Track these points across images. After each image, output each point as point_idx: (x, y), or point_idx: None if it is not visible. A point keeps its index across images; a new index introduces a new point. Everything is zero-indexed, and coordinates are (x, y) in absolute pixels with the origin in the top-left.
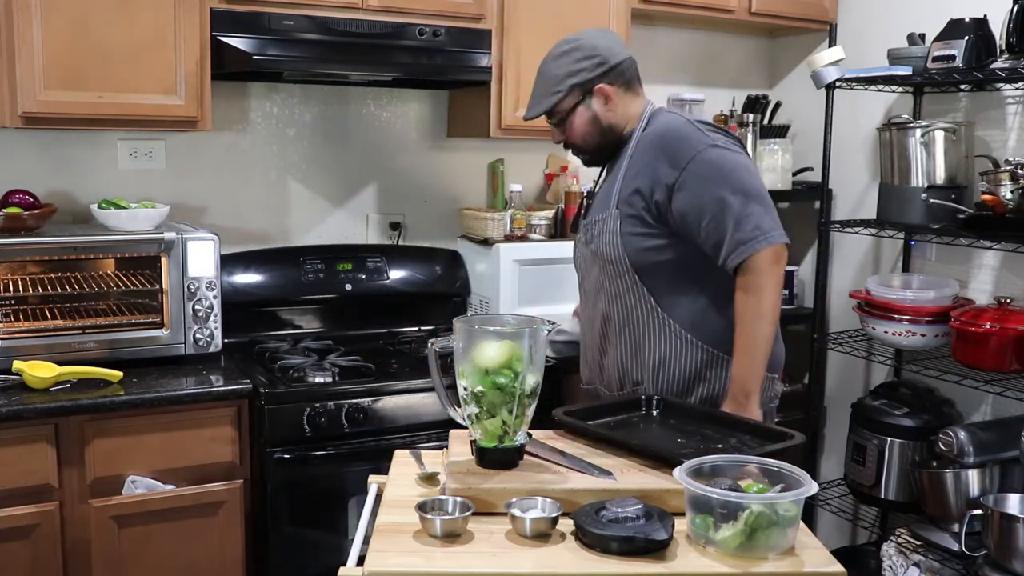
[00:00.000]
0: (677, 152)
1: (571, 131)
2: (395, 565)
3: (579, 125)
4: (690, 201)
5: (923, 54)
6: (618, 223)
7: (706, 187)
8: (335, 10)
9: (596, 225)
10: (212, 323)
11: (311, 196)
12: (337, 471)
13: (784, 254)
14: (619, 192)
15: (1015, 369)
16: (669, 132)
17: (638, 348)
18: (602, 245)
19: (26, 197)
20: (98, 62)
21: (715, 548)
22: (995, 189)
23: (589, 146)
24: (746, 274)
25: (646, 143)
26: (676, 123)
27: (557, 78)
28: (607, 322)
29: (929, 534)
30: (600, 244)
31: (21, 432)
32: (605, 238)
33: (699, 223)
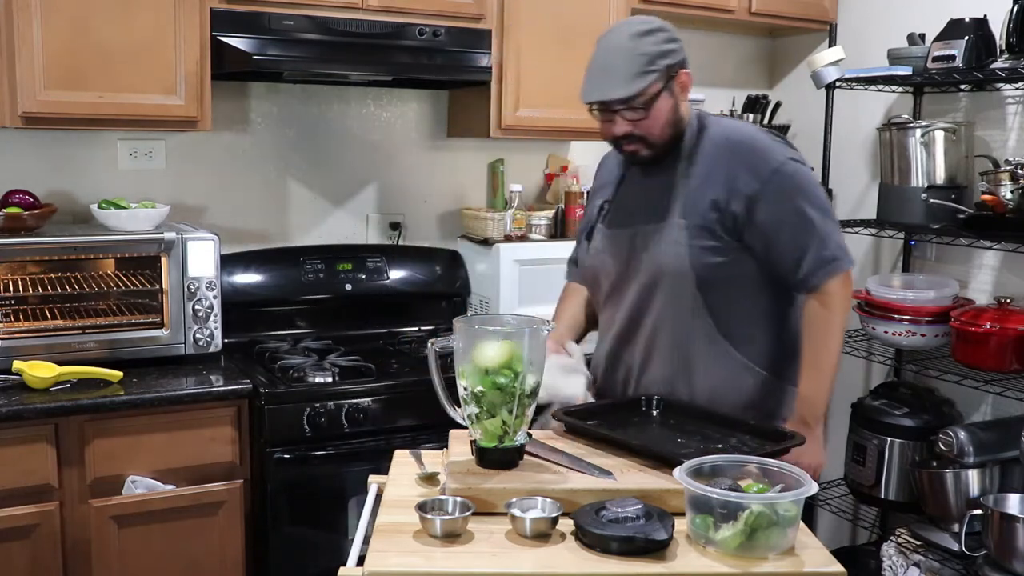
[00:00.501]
0: (758, 162)
1: (651, 120)
2: (395, 565)
3: (662, 113)
4: (772, 214)
5: (923, 54)
6: (684, 234)
7: (789, 201)
8: (335, 10)
9: (649, 235)
10: (212, 323)
11: (311, 196)
12: (337, 471)
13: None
14: (683, 201)
15: (1015, 369)
16: (747, 140)
17: (691, 369)
18: (661, 257)
19: (26, 197)
20: (98, 62)
21: (715, 548)
22: (995, 189)
23: (662, 140)
24: (823, 293)
25: (714, 149)
26: (751, 130)
27: (648, 57)
28: (655, 339)
29: (929, 534)
30: (658, 256)
31: (21, 432)
32: (665, 249)
33: (778, 237)
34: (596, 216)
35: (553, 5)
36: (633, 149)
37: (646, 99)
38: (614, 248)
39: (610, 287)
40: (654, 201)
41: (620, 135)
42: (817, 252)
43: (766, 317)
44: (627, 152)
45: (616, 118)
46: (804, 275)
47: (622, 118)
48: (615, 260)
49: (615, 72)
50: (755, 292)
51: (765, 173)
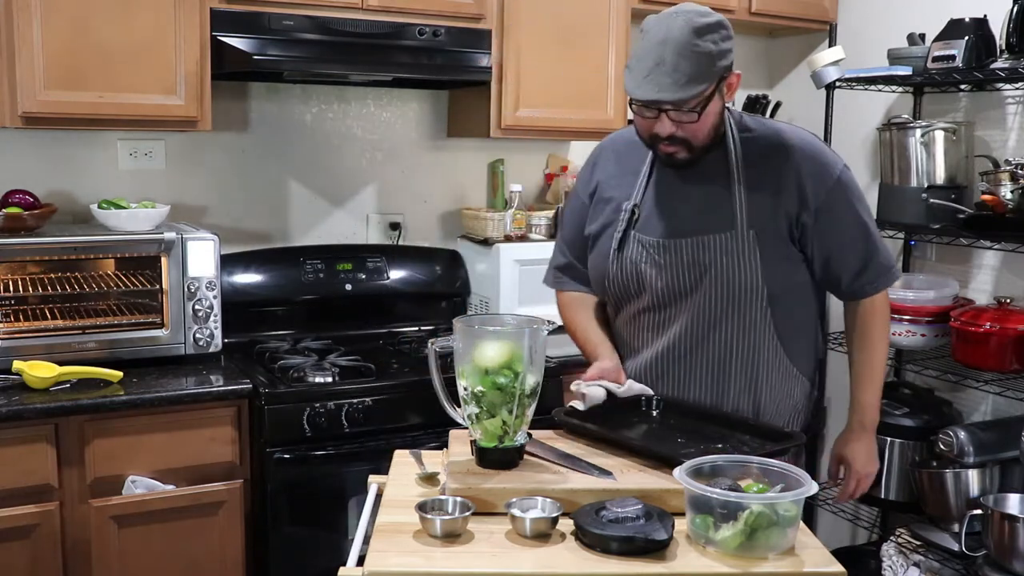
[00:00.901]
0: (822, 171)
1: (699, 125)
2: (395, 565)
3: (710, 117)
4: (838, 224)
5: (923, 54)
6: (755, 246)
7: (851, 210)
8: (335, 10)
9: (715, 246)
10: (212, 323)
11: (311, 196)
12: (337, 471)
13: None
14: (748, 209)
15: (1015, 369)
16: (807, 146)
17: (758, 385)
18: (732, 270)
19: (26, 197)
20: (98, 62)
21: (715, 548)
22: (995, 189)
23: (705, 144)
24: (876, 301)
25: (772, 152)
26: (805, 135)
27: (709, 57)
28: (727, 357)
29: (929, 534)
30: (728, 269)
31: (21, 432)
32: (737, 262)
33: (843, 247)
34: (626, 221)
35: (553, 5)
36: (673, 151)
37: (700, 102)
38: (665, 258)
39: (656, 301)
40: (713, 208)
41: (664, 136)
42: (877, 261)
43: (810, 325)
44: (665, 153)
45: (663, 117)
46: (863, 283)
47: (669, 118)
48: (667, 272)
49: (671, 70)
50: (807, 301)
51: (830, 182)
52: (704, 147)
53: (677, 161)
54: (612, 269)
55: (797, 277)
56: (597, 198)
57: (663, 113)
